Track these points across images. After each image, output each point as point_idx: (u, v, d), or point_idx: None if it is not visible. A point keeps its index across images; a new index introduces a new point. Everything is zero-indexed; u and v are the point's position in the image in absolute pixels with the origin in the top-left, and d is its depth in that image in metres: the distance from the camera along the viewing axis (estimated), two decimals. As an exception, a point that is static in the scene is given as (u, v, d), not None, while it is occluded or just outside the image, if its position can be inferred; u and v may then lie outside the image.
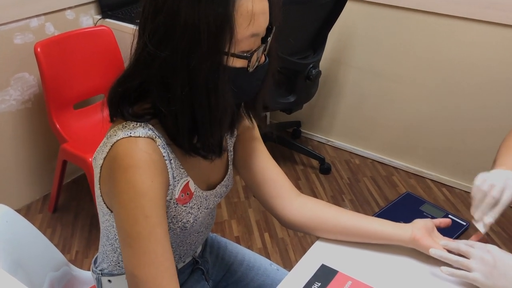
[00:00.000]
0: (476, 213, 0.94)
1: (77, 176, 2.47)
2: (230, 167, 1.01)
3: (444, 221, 0.99)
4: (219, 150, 0.85)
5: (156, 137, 0.79)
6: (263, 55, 0.80)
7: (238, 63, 0.76)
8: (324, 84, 2.71)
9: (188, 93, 0.74)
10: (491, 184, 0.93)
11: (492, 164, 1.03)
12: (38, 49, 1.87)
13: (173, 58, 0.73)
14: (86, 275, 1.22)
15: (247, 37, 0.74)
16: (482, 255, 0.86)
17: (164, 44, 0.73)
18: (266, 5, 0.75)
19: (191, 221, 0.91)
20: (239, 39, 0.73)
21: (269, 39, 0.79)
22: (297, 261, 0.95)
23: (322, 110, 2.84)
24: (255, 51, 0.76)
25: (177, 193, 0.86)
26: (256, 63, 0.79)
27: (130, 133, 0.77)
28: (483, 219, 0.93)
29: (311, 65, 2.28)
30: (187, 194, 0.88)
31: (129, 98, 0.81)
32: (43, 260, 1.09)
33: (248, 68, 0.77)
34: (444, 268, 0.89)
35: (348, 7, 2.25)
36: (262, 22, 0.75)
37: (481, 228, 0.93)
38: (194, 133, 0.80)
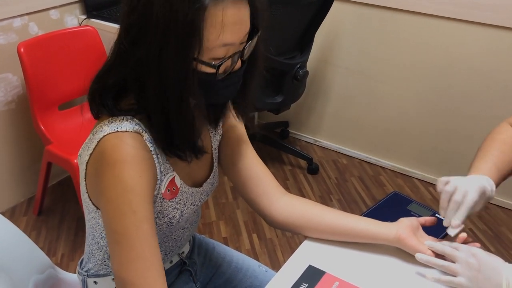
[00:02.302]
0: (444, 220, 0.93)
1: (62, 178, 2.44)
2: (215, 164, 1.01)
3: (429, 220, 0.99)
4: (193, 152, 0.84)
5: (143, 132, 0.79)
6: (240, 60, 0.79)
7: (208, 69, 0.75)
8: (312, 84, 2.71)
9: (160, 95, 0.74)
10: (455, 186, 0.92)
11: (468, 169, 1.03)
12: (22, 49, 1.84)
13: (146, 59, 0.73)
14: (72, 278, 1.20)
15: (218, 46, 0.73)
16: (467, 259, 0.86)
17: (137, 44, 0.73)
18: (242, 14, 0.73)
19: (177, 217, 0.90)
20: (209, 47, 0.72)
21: (249, 44, 0.78)
22: (285, 262, 0.95)
23: (309, 110, 2.85)
24: (226, 59, 0.75)
25: (163, 188, 0.85)
26: (230, 69, 0.78)
27: (117, 128, 0.77)
28: (451, 223, 0.92)
29: (298, 65, 2.28)
30: (173, 189, 0.88)
31: (112, 94, 0.81)
32: (27, 262, 1.08)
33: (217, 76, 0.76)
34: (429, 275, 0.89)
35: (335, 7, 2.26)
36: (235, 32, 0.73)
37: (451, 232, 0.92)
38: (169, 134, 0.80)
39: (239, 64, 0.79)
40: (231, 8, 0.71)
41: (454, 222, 0.91)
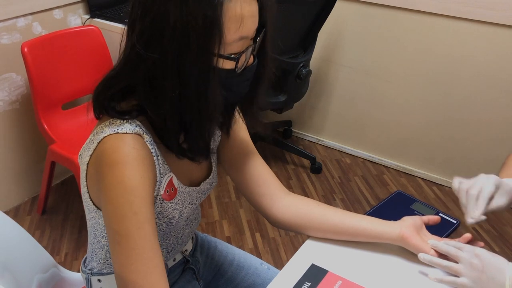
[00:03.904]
0: (466, 216, 0.93)
1: (66, 177, 2.45)
2: (214, 164, 1.01)
3: (433, 218, 0.99)
4: (206, 153, 0.84)
5: (143, 133, 0.79)
6: (252, 56, 0.80)
7: (227, 65, 0.76)
8: (315, 84, 2.71)
9: (178, 96, 0.74)
10: (471, 184, 0.94)
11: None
12: (25, 49, 1.84)
13: (163, 61, 0.73)
14: (75, 277, 1.21)
15: (236, 40, 0.74)
16: (470, 260, 0.86)
17: (153, 46, 0.73)
18: (255, 8, 0.75)
19: (177, 217, 0.91)
20: (227, 42, 0.73)
21: (258, 39, 0.79)
22: (288, 261, 0.94)
23: (312, 109, 2.84)
24: (243, 52, 0.77)
25: (162, 190, 0.85)
26: (245, 64, 0.79)
27: (117, 129, 0.77)
28: (470, 215, 0.92)
29: (301, 64, 2.28)
30: (172, 190, 0.88)
31: (115, 99, 0.81)
32: (31, 262, 1.08)
33: (236, 69, 0.77)
34: (432, 275, 0.89)
35: (338, 6, 2.25)
36: (250, 25, 0.75)
37: (471, 221, 0.92)
38: (184, 136, 0.80)
39: (252, 59, 0.81)
40: (245, 2, 0.73)
41: (473, 213, 0.92)
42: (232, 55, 0.75)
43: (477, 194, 0.92)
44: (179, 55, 0.71)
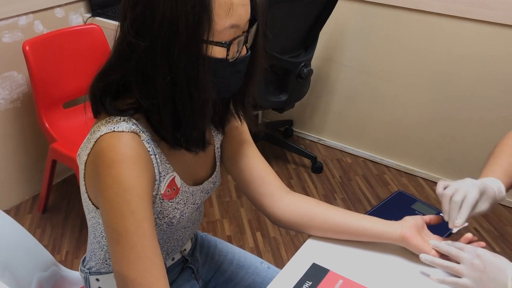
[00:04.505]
0: (449, 223, 0.93)
1: (67, 176, 2.45)
2: (218, 163, 1.01)
3: (434, 218, 0.99)
4: (202, 143, 0.84)
5: (140, 132, 0.79)
6: (244, 47, 0.80)
7: (218, 53, 0.75)
8: (316, 83, 2.71)
9: (169, 85, 0.74)
10: (456, 189, 0.93)
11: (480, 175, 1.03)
12: (27, 48, 1.85)
13: (153, 49, 0.72)
14: (75, 275, 1.21)
15: (227, 28, 0.74)
16: (472, 260, 0.86)
17: (143, 35, 0.73)
18: None
19: (178, 217, 0.90)
20: (218, 29, 0.73)
21: (251, 30, 0.79)
22: (289, 260, 0.94)
23: (314, 109, 2.84)
24: (234, 39, 0.76)
25: (163, 189, 0.85)
26: (237, 54, 0.78)
27: (114, 128, 0.77)
28: (454, 223, 0.92)
29: (302, 64, 2.28)
30: (173, 189, 0.87)
31: (111, 92, 0.80)
32: (31, 260, 1.08)
33: (228, 58, 0.76)
34: (433, 276, 0.89)
35: (340, 5, 2.25)
36: (242, 13, 0.74)
37: (455, 230, 0.93)
38: (177, 126, 0.79)
39: (244, 50, 0.80)
40: None
41: (457, 222, 0.91)
42: (223, 42, 0.75)
43: (461, 201, 0.91)
44: (168, 42, 0.71)
